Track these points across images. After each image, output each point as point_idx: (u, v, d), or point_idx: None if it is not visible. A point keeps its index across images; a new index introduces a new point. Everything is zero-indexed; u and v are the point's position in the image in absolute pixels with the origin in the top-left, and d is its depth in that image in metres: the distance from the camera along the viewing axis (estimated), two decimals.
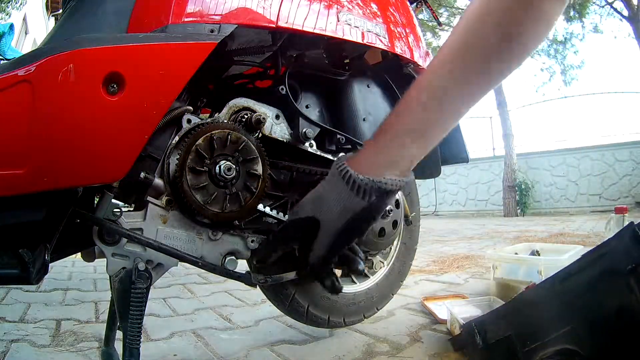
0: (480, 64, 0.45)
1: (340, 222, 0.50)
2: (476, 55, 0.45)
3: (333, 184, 0.50)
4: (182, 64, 0.49)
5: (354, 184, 0.48)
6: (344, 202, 0.49)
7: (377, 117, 0.88)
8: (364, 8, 0.80)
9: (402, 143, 0.49)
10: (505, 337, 0.67)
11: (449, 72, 0.46)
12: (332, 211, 0.50)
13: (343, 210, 0.49)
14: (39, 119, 0.43)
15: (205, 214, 0.61)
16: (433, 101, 0.47)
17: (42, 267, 0.52)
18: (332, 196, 0.50)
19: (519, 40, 0.44)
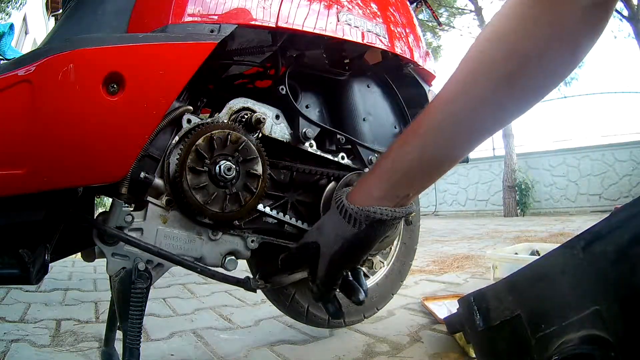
0: (486, 95, 0.41)
1: (335, 247, 0.53)
2: (479, 85, 0.41)
3: (331, 212, 0.54)
4: (182, 64, 0.49)
5: (345, 213, 0.51)
6: (337, 229, 0.52)
7: (377, 117, 0.88)
8: (364, 8, 0.80)
9: (397, 183, 0.49)
10: (513, 318, 0.54)
11: (451, 110, 0.44)
12: (329, 236, 0.53)
13: (337, 236, 0.53)
14: (39, 119, 0.43)
15: (205, 214, 0.61)
16: (432, 146, 0.46)
17: (42, 267, 0.52)
18: (330, 224, 0.54)
19: (534, 68, 0.39)
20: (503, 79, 0.40)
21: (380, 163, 0.52)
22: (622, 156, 6.96)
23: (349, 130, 0.81)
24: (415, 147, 0.47)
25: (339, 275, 0.56)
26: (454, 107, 0.43)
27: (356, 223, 0.51)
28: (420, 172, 0.49)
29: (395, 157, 0.49)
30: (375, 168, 0.53)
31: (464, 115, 0.43)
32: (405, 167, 0.48)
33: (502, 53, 0.40)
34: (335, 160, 0.79)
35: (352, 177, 0.76)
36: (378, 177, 0.51)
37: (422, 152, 0.47)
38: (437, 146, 0.46)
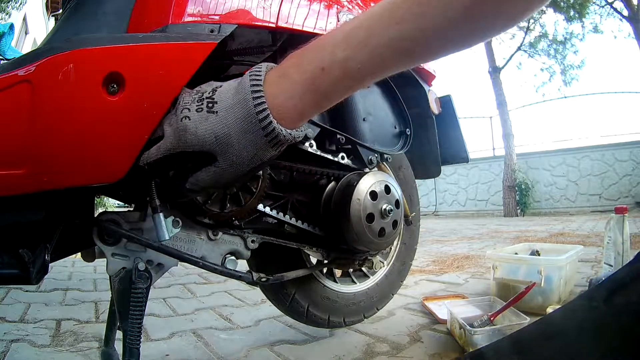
0: (436, 23, 0.37)
1: (245, 169, 0.45)
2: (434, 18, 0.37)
3: (246, 127, 0.43)
4: (182, 64, 0.49)
5: (276, 140, 0.43)
6: (257, 152, 0.44)
7: (377, 117, 0.88)
8: (364, 8, 0.80)
9: (336, 90, 0.43)
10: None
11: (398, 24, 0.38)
12: (239, 157, 0.44)
13: (254, 158, 0.44)
14: (39, 119, 0.43)
15: (205, 214, 0.61)
16: (375, 51, 0.40)
17: (42, 267, 0.52)
18: (244, 143, 0.43)
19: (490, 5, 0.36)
20: (459, 13, 0.37)
21: (307, 60, 0.43)
22: (622, 156, 6.96)
23: (349, 130, 0.81)
24: (357, 58, 0.40)
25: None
26: (405, 27, 0.38)
27: (279, 147, 0.44)
28: (351, 83, 0.43)
29: (330, 63, 0.41)
30: (301, 66, 0.43)
31: (413, 33, 0.39)
32: (338, 77, 0.42)
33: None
34: (335, 160, 0.79)
35: (352, 177, 0.76)
36: (306, 83, 0.42)
37: (361, 63, 0.40)
38: (380, 59, 0.41)
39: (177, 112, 0.46)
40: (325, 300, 0.92)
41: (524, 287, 1.08)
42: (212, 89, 0.47)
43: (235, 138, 0.43)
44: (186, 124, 0.44)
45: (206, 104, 0.45)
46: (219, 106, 0.44)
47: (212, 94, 0.46)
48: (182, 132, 0.44)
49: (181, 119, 0.45)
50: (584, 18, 7.85)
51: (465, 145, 1.09)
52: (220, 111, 0.44)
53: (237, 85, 0.45)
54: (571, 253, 1.33)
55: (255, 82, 0.43)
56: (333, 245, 0.80)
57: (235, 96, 0.44)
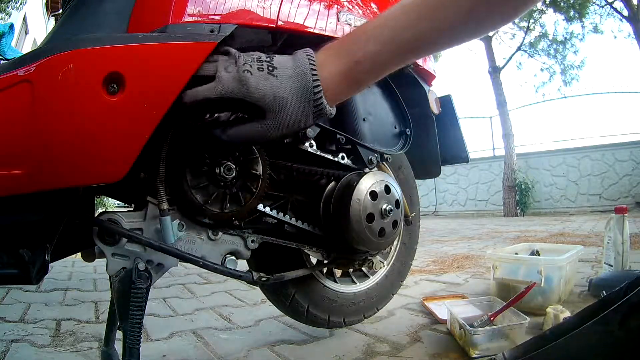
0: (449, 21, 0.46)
1: (285, 131, 0.50)
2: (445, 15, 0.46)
3: (302, 97, 0.49)
4: (182, 64, 0.49)
5: (320, 113, 0.50)
6: (302, 120, 0.50)
7: (377, 117, 0.88)
8: (364, 8, 0.80)
9: (371, 76, 0.51)
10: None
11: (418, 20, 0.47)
12: (287, 120, 0.49)
13: (296, 124, 0.50)
14: (39, 119, 0.43)
15: (205, 214, 0.61)
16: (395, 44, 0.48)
17: (42, 267, 0.52)
18: (297, 110, 0.49)
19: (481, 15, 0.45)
20: (466, 15, 0.46)
21: (350, 49, 0.50)
22: (622, 156, 6.96)
23: (349, 130, 0.81)
24: (386, 49, 0.49)
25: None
26: (422, 27, 0.47)
27: (318, 119, 0.51)
28: (381, 71, 0.51)
29: (365, 56, 0.49)
30: (345, 54, 0.51)
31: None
32: (373, 68, 0.50)
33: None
34: (335, 160, 0.79)
35: (352, 177, 0.76)
36: (347, 70, 0.50)
37: (388, 56, 0.49)
38: (401, 51, 0.49)
39: (238, 63, 0.49)
40: (325, 300, 0.92)
41: (524, 287, 1.08)
42: (268, 55, 0.52)
43: (291, 102, 0.49)
44: (247, 77, 0.48)
45: (266, 66, 0.49)
46: (279, 72, 0.49)
47: (271, 59, 0.51)
48: (243, 81, 0.47)
49: (243, 71, 0.48)
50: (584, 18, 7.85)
51: (465, 145, 1.09)
52: (281, 77, 0.49)
53: (293, 59, 0.51)
54: (571, 253, 1.33)
55: (312, 62, 0.50)
56: (333, 245, 0.80)
57: (295, 68, 0.50)
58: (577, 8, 7.60)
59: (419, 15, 0.47)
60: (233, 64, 0.49)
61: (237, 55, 0.50)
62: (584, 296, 1.34)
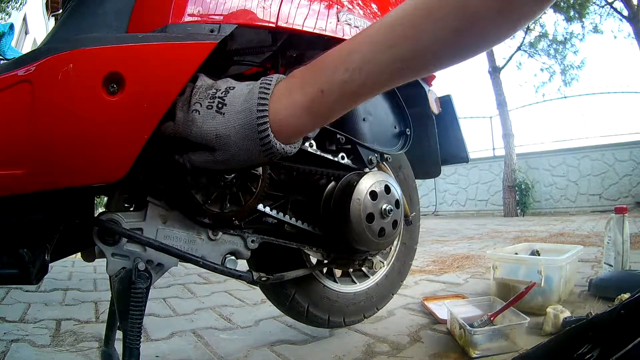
0: (431, 43, 0.39)
1: (235, 166, 0.49)
2: (428, 37, 0.39)
3: (246, 136, 0.46)
4: (182, 63, 0.49)
5: (270, 151, 0.47)
6: (250, 158, 0.48)
7: (377, 117, 0.88)
8: (364, 8, 0.80)
9: (335, 111, 0.46)
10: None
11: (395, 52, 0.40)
12: (233, 157, 0.48)
13: (246, 161, 0.48)
14: (39, 119, 0.43)
15: (205, 214, 0.61)
16: (372, 73, 0.42)
17: (42, 267, 0.52)
18: (241, 149, 0.47)
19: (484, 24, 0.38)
20: (450, 33, 0.39)
21: (314, 83, 0.45)
22: (622, 156, 6.96)
23: (349, 130, 0.81)
24: (350, 69, 0.42)
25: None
26: (398, 51, 0.41)
27: (270, 157, 0.47)
28: (346, 106, 0.46)
29: (332, 91, 0.44)
30: (306, 87, 0.45)
31: (408, 55, 0.41)
32: (339, 102, 0.45)
33: (452, 9, 0.38)
34: (335, 160, 0.79)
35: (352, 177, 0.76)
36: (306, 106, 0.45)
37: (358, 88, 0.43)
38: (376, 78, 0.43)
39: (191, 102, 0.49)
40: (325, 300, 0.92)
41: (524, 287, 1.08)
42: (226, 88, 0.50)
43: (233, 141, 0.47)
44: (194, 117, 0.48)
45: (216, 103, 0.48)
46: (227, 109, 0.47)
47: (225, 94, 0.49)
48: (189, 123, 0.48)
49: (192, 111, 0.48)
50: (584, 18, 7.85)
51: (465, 145, 1.09)
52: (227, 114, 0.47)
53: (247, 92, 0.48)
54: (571, 253, 1.33)
55: (263, 94, 0.46)
56: (333, 245, 0.80)
57: (243, 104, 0.47)
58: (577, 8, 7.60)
59: (394, 38, 0.40)
60: (187, 103, 0.49)
61: (194, 90, 0.49)
62: (584, 296, 1.34)
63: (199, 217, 0.62)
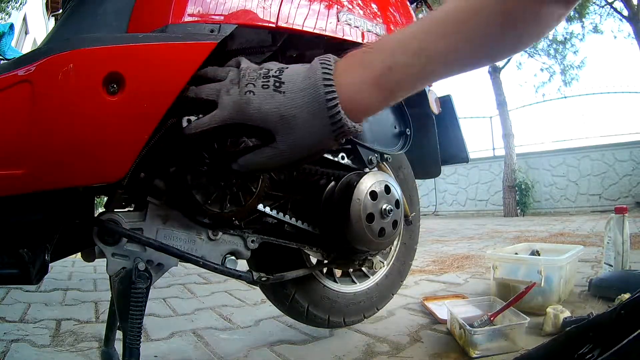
0: (476, 35, 0.41)
1: (304, 155, 0.44)
2: (473, 25, 0.41)
3: (314, 113, 0.42)
4: (182, 63, 0.49)
5: (341, 130, 0.42)
6: (320, 140, 0.43)
7: (377, 117, 0.88)
8: (364, 8, 0.80)
9: (401, 90, 0.44)
10: None
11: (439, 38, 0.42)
12: (301, 141, 0.43)
13: (314, 144, 0.43)
14: (39, 119, 0.43)
15: (205, 214, 0.61)
16: (430, 58, 0.42)
17: (42, 267, 0.52)
18: (309, 128, 0.42)
19: (516, 31, 0.41)
20: (496, 30, 0.41)
21: (374, 60, 0.43)
22: (622, 156, 6.96)
23: None
24: (416, 63, 0.42)
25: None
26: (452, 41, 0.42)
27: (340, 139, 0.43)
28: (413, 83, 0.45)
29: (393, 64, 0.42)
30: (369, 64, 0.43)
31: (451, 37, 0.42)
32: (404, 78, 0.43)
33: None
34: (335, 160, 0.79)
35: (352, 177, 0.76)
36: (372, 80, 0.43)
37: (418, 69, 0.43)
38: (436, 65, 0.44)
39: (241, 84, 0.44)
40: (325, 300, 0.92)
41: (524, 287, 1.08)
42: (278, 68, 0.46)
43: (301, 120, 0.42)
44: (250, 98, 0.43)
45: (273, 82, 0.43)
46: (287, 87, 0.43)
47: (279, 73, 0.44)
48: (244, 105, 0.43)
49: (245, 92, 0.43)
50: (584, 18, 7.84)
51: (465, 145, 1.09)
52: (288, 92, 0.43)
53: (306, 70, 0.44)
54: (571, 253, 1.33)
55: (326, 70, 0.43)
56: (333, 245, 0.80)
57: (305, 80, 0.43)
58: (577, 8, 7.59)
59: (448, 29, 0.42)
60: (236, 84, 0.44)
61: (242, 72, 0.45)
62: (584, 296, 1.34)
63: (199, 217, 0.62)
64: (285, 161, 0.44)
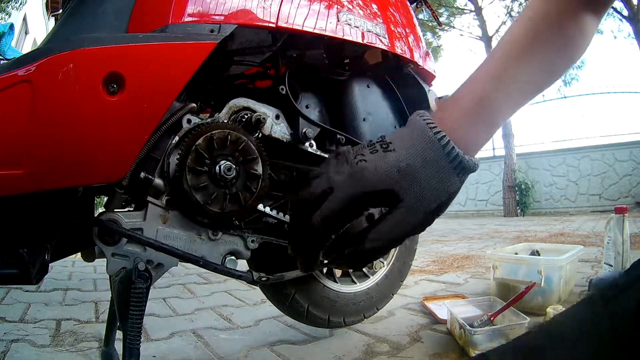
0: (544, 54, 0.46)
1: (434, 205, 0.41)
2: (540, 46, 0.45)
3: (430, 156, 0.41)
4: (182, 64, 0.49)
5: (461, 165, 0.41)
6: (444, 183, 0.41)
7: (377, 117, 0.88)
8: (364, 8, 0.80)
9: (498, 116, 0.45)
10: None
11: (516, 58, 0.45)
12: (426, 190, 0.41)
13: (440, 190, 0.41)
14: (39, 119, 0.43)
15: (206, 214, 0.61)
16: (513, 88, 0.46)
17: (42, 267, 0.52)
18: (430, 173, 0.41)
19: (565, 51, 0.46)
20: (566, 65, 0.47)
21: (466, 99, 0.45)
22: (622, 156, 6.96)
23: (349, 130, 0.81)
24: (502, 89, 0.45)
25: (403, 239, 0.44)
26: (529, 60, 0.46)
27: (462, 177, 0.41)
28: (508, 108, 0.46)
29: (486, 95, 0.44)
30: (462, 102, 0.45)
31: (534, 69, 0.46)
32: (495, 107, 0.44)
33: (555, 26, 0.45)
34: None
35: None
36: (471, 114, 0.43)
37: (506, 94, 0.45)
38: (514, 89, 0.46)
39: (349, 159, 0.43)
40: (325, 300, 0.92)
41: (524, 287, 1.08)
42: (379, 137, 0.45)
43: (420, 167, 0.41)
44: (363, 165, 0.42)
45: (380, 146, 0.43)
46: (395, 145, 0.42)
47: (382, 139, 0.44)
48: (359, 174, 0.41)
49: (357, 162, 0.42)
50: None
51: None
52: (399, 148, 0.42)
53: (407, 126, 0.44)
54: (571, 253, 1.33)
55: (426, 118, 0.43)
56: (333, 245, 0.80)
57: (411, 134, 0.43)
58: None
59: (518, 53, 0.46)
60: (344, 162, 0.42)
61: (344, 152, 0.44)
62: (584, 296, 1.34)
63: (199, 217, 0.62)
64: (419, 219, 0.42)
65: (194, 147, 0.57)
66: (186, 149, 0.57)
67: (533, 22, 0.47)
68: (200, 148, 0.58)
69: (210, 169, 0.59)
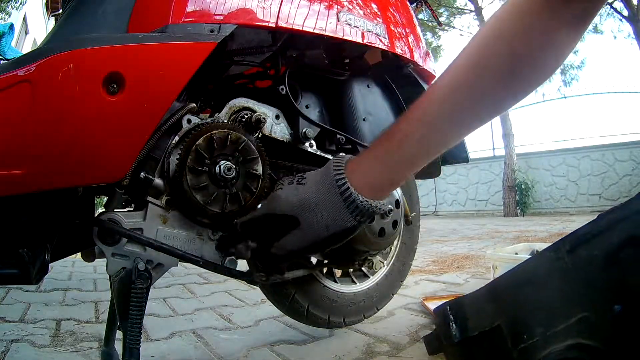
0: (488, 88, 0.44)
1: (325, 234, 0.50)
2: (484, 79, 0.44)
3: (327, 195, 0.50)
4: (182, 64, 0.49)
5: (354, 206, 0.49)
6: (336, 218, 0.49)
7: (377, 117, 0.88)
8: (364, 8, 0.80)
9: (395, 168, 0.49)
10: (492, 328, 0.50)
11: (456, 99, 0.45)
12: (319, 221, 0.50)
13: (332, 224, 0.50)
14: (39, 119, 0.43)
15: (206, 214, 0.61)
16: (436, 126, 0.47)
17: (42, 267, 0.52)
18: (324, 208, 0.50)
19: (529, 67, 0.43)
20: (505, 75, 0.44)
21: (380, 145, 0.50)
22: (622, 156, 6.96)
23: (349, 130, 0.81)
24: (420, 135, 0.47)
25: (310, 254, 0.59)
26: (459, 96, 0.45)
27: (360, 217, 0.49)
28: (418, 159, 0.49)
29: (398, 143, 0.48)
30: (375, 150, 0.51)
31: (467, 105, 0.45)
32: (407, 154, 0.48)
33: (505, 51, 0.43)
34: None
35: None
36: (379, 161, 0.49)
37: (426, 139, 0.47)
38: (441, 133, 0.47)
39: (275, 188, 0.56)
40: (325, 300, 0.92)
41: None
42: (305, 174, 0.56)
43: (318, 202, 0.50)
44: (279, 193, 0.54)
45: (297, 179, 0.55)
46: (307, 180, 0.53)
47: (303, 174, 0.56)
48: (275, 199, 0.54)
49: (277, 189, 0.55)
50: None
51: (465, 145, 1.09)
52: (308, 183, 0.53)
53: (324, 166, 0.54)
54: None
55: (337, 161, 0.52)
56: None
57: (319, 173, 0.53)
58: None
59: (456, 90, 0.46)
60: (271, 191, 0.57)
61: (281, 180, 0.57)
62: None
63: (199, 217, 0.62)
64: (309, 242, 0.52)
65: (194, 147, 0.57)
66: (186, 149, 0.57)
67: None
68: (200, 148, 0.58)
69: (210, 169, 0.59)
